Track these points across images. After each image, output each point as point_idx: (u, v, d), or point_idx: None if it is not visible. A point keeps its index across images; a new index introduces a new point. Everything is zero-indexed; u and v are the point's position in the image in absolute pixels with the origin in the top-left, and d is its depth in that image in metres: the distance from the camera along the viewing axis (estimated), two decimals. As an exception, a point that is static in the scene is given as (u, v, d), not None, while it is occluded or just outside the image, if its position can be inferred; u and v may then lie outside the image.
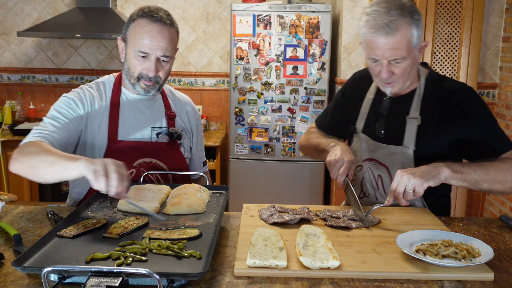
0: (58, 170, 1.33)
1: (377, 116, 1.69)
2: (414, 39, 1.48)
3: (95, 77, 4.21)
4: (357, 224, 1.41)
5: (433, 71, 1.68)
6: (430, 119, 1.60)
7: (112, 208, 1.45)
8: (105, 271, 0.98)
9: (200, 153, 1.97)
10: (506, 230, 1.48)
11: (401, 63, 1.50)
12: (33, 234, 1.35)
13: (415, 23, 1.47)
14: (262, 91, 3.70)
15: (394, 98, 1.65)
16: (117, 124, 1.70)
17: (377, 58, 1.51)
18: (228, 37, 4.17)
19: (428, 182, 1.36)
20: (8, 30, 4.22)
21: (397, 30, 1.45)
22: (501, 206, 3.72)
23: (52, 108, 1.66)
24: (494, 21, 3.77)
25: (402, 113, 1.63)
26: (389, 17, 1.45)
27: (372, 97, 1.73)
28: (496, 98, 3.88)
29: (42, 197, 3.81)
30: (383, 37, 1.46)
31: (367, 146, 1.71)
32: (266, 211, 1.49)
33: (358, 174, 1.75)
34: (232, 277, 1.11)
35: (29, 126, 3.86)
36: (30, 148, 1.44)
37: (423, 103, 1.61)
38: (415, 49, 1.50)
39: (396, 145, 1.63)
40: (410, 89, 1.65)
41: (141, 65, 1.63)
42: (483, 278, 1.12)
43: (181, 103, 1.88)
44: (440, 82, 1.63)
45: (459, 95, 1.57)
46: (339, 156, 1.53)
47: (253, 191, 3.80)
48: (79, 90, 1.72)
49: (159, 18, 1.60)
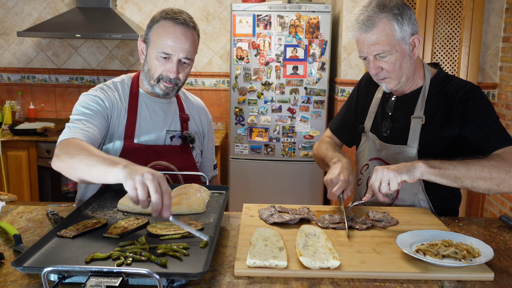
0: (97, 174, 1.27)
1: (384, 116, 1.70)
2: (396, 33, 1.50)
3: (95, 77, 4.22)
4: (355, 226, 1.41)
5: (442, 71, 1.68)
6: (434, 119, 1.60)
7: (112, 208, 1.45)
8: (105, 271, 0.98)
9: (210, 157, 1.98)
10: (506, 230, 1.48)
11: (386, 57, 1.53)
12: (33, 234, 1.35)
13: (395, 17, 1.50)
14: (262, 91, 3.70)
15: (400, 97, 1.67)
16: (134, 126, 1.70)
17: (363, 54, 1.56)
18: (228, 37, 4.17)
19: (402, 175, 1.36)
20: (8, 30, 4.22)
21: (374, 25, 1.50)
22: (501, 206, 3.72)
23: (78, 105, 1.63)
24: (494, 21, 3.77)
25: (407, 113, 1.64)
26: (367, 13, 1.50)
27: (380, 96, 1.74)
28: (496, 98, 3.88)
29: (42, 197, 3.81)
30: (363, 33, 1.52)
31: (374, 146, 1.72)
32: (266, 211, 1.49)
33: (365, 173, 1.76)
34: (232, 277, 1.11)
35: (29, 126, 3.86)
36: (71, 147, 1.40)
37: (428, 103, 1.62)
38: (401, 43, 1.52)
39: (401, 144, 1.63)
40: (414, 87, 1.65)
41: (163, 66, 1.63)
42: (483, 278, 1.12)
43: (195, 106, 1.89)
44: (446, 82, 1.63)
45: (462, 93, 1.57)
46: (335, 176, 1.53)
47: (253, 191, 3.80)
48: (101, 90, 1.70)
49: (183, 21, 1.62)
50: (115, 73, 4.18)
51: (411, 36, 1.54)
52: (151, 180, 1.14)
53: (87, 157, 1.32)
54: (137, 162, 1.56)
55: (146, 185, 1.14)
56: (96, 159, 1.29)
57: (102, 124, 1.62)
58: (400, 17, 1.50)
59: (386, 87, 1.61)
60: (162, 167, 1.72)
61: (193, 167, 1.80)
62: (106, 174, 1.23)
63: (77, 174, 1.34)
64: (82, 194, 1.76)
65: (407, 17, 1.51)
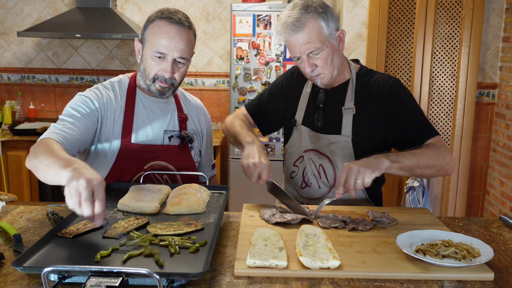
0: (52, 175, 1.28)
1: (315, 108, 1.76)
2: (324, 30, 1.58)
3: (95, 77, 4.22)
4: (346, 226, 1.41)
5: (363, 66, 1.79)
6: (365, 109, 1.69)
7: (112, 208, 1.45)
8: (105, 271, 0.98)
9: (209, 156, 1.98)
10: (506, 230, 1.48)
11: (319, 53, 1.59)
12: (33, 234, 1.35)
13: (321, 16, 1.58)
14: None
15: (329, 90, 1.74)
16: (131, 126, 1.70)
17: (296, 55, 1.62)
18: (228, 37, 4.17)
19: (375, 172, 1.43)
20: (8, 30, 4.22)
21: (303, 25, 1.56)
22: (501, 206, 3.72)
23: (68, 106, 1.65)
24: (494, 21, 3.77)
25: (338, 104, 1.72)
26: (294, 15, 1.57)
27: (309, 90, 1.80)
28: (496, 98, 3.88)
29: (42, 197, 3.81)
30: (294, 35, 1.58)
31: (308, 137, 1.77)
32: (268, 211, 1.49)
33: (300, 165, 1.81)
34: (232, 277, 1.11)
35: (29, 126, 3.86)
36: (39, 147, 1.41)
37: (356, 95, 1.70)
38: (329, 38, 1.60)
39: (335, 134, 1.70)
40: (342, 80, 1.73)
41: (158, 66, 1.63)
42: (483, 278, 1.12)
43: (193, 106, 1.89)
44: (370, 76, 1.73)
45: (388, 87, 1.68)
46: (258, 160, 1.54)
47: (253, 191, 3.79)
48: (95, 90, 1.71)
49: (177, 20, 1.62)
50: (115, 73, 4.16)
51: (337, 31, 1.63)
52: (84, 188, 1.11)
53: (47, 158, 1.32)
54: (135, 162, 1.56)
55: (79, 192, 1.12)
56: (53, 160, 1.29)
57: (88, 126, 1.61)
58: (325, 15, 1.59)
59: (320, 83, 1.67)
60: (161, 167, 1.72)
61: (192, 167, 1.80)
62: (59, 176, 1.23)
63: (39, 175, 1.35)
64: None
65: (330, 15, 1.60)
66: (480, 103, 3.90)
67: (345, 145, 1.69)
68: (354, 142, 1.68)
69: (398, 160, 1.50)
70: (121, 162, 1.67)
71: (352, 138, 1.68)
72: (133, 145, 1.69)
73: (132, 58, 4.20)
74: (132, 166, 1.68)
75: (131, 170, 1.69)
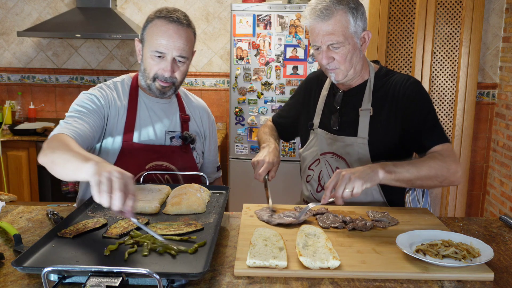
0: (71, 169, 1.26)
1: (332, 110, 1.75)
2: (350, 26, 1.56)
3: (95, 77, 4.22)
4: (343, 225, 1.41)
5: (383, 67, 1.76)
6: (381, 111, 1.66)
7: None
8: (105, 271, 0.98)
9: (213, 158, 1.97)
10: (506, 230, 1.48)
11: (339, 48, 1.57)
12: (33, 234, 1.35)
13: (351, 11, 1.56)
14: (262, 91, 3.70)
15: (346, 91, 1.72)
16: (133, 126, 1.70)
17: (316, 44, 1.60)
18: (228, 37, 4.17)
19: (367, 183, 1.39)
20: (8, 30, 4.22)
21: (331, 15, 1.54)
22: (501, 206, 3.72)
23: (74, 104, 1.65)
24: (494, 21, 3.77)
25: (355, 106, 1.69)
26: (325, 3, 1.55)
27: (326, 93, 1.79)
28: (496, 98, 3.88)
29: (42, 197, 3.81)
30: (319, 23, 1.56)
31: (325, 140, 1.75)
32: (264, 213, 1.48)
33: (315, 169, 1.79)
34: (232, 277, 1.11)
35: (29, 126, 3.86)
36: (54, 142, 1.39)
37: (374, 96, 1.67)
38: (354, 36, 1.58)
39: (351, 136, 1.68)
40: (360, 81, 1.71)
41: (157, 66, 1.64)
42: (483, 278, 1.12)
43: (196, 106, 1.89)
44: (389, 76, 1.70)
45: (405, 88, 1.64)
46: (261, 158, 1.65)
47: (253, 191, 3.80)
48: (99, 88, 1.71)
49: (176, 19, 1.62)
50: (115, 73, 4.17)
51: (363, 32, 1.61)
52: (117, 178, 1.11)
53: (65, 152, 1.31)
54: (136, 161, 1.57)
55: (111, 181, 1.11)
56: (72, 155, 1.28)
57: (96, 122, 1.62)
58: (355, 11, 1.57)
59: (334, 78, 1.65)
60: (162, 167, 1.72)
61: (194, 167, 1.79)
62: (79, 170, 1.22)
63: (56, 169, 1.33)
64: (83, 194, 1.76)
65: (360, 13, 1.58)
66: (480, 103, 3.90)
67: (361, 147, 1.65)
68: (370, 144, 1.64)
69: (395, 171, 1.44)
70: (122, 161, 1.67)
71: (368, 140, 1.64)
72: (135, 144, 1.69)
73: (132, 58, 4.20)
74: (133, 166, 1.68)
75: (132, 169, 1.68)
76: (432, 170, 1.48)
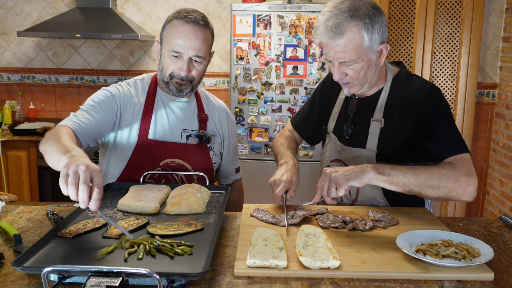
0: (54, 160, 1.32)
1: (346, 118, 1.69)
2: (365, 42, 1.46)
3: (95, 77, 4.22)
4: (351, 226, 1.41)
5: (404, 70, 1.65)
6: (392, 121, 1.58)
7: (112, 208, 1.45)
8: (105, 271, 0.98)
9: (232, 159, 1.98)
10: (506, 230, 1.48)
11: (352, 65, 1.50)
12: (33, 234, 1.35)
13: (366, 26, 1.45)
14: (262, 91, 3.70)
15: (361, 98, 1.65)
16: (149, 122, 1.73)
17: (328, 58, 1.52)
18: (228, 37, 4.17)
19: (349, 181, 1.35)
20: (8, 30, 4.22)
21: (342, 34, 1.45)
22: (501, 206, 3.72)
23: (89, 98, 1.71)
24: (494, 21, 3.77)
25: (368, 115, 1.62)
26: (337, 20, 1.45)
27: (343, 97, 1.73)
28: (496, 98, 3.88)
29: (42, 197, 3.81)
30: (331, 40, 1.47)
31: (335, 147, 1.72)
32: (266, 215, 1.47)
33: None
34: (232, 277, 1.11)
35: (29, 126, 3.86)
36: (51, 133, 1.46)
37: (387, 104, 1.60)
38: (368, 52, 1.49)
39: (360, 147, 1.62)
40: (376, 90, 1.63)
41: (174, 65, 1.67)
42: (483, 278, 1.12)
43: (215, 107, 1.90)
44: (406, 82, 1.60)
45: (419, 95, 1.53)
46: (278, 177, 1.55)
47: (253, 191, 3.80)
48: (118, 86, 1.76)
49: (193, 19, 1.65)
50: (115, 73, 4.18)
51: (380, 45, 1.51)
52: (83, 171, 1.14)
53: (53, 143, 1.37)
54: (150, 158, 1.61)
55: (78, 174, 1.14)
56: (57, 146, 1.34)
57: (105, 117, 1.66)
58: (370, 26, 1.46)
59: (348, 92, 1.60)
60: (177, 165, 1.73)
61: (209, 167, 1.80)
62: (59, 161, 1.27)
63: (46, 159, 1.40)
64: None
65: (378, 26, 1.47)
66: (480, 103, 3.90)
67: (369, 159, 1.59)
68: (378, 157, 1.58)
69: (388, 173, 1.37)
70: (137, 157, 1.70)
71: (376, 153, 1.58)
72: (150, 141, 1.72)
73: (132, 58, 4.20)
74: (147, 162, 1.71)
75: (146, 165, 1.71)
76: (434, 178, 1.38)
